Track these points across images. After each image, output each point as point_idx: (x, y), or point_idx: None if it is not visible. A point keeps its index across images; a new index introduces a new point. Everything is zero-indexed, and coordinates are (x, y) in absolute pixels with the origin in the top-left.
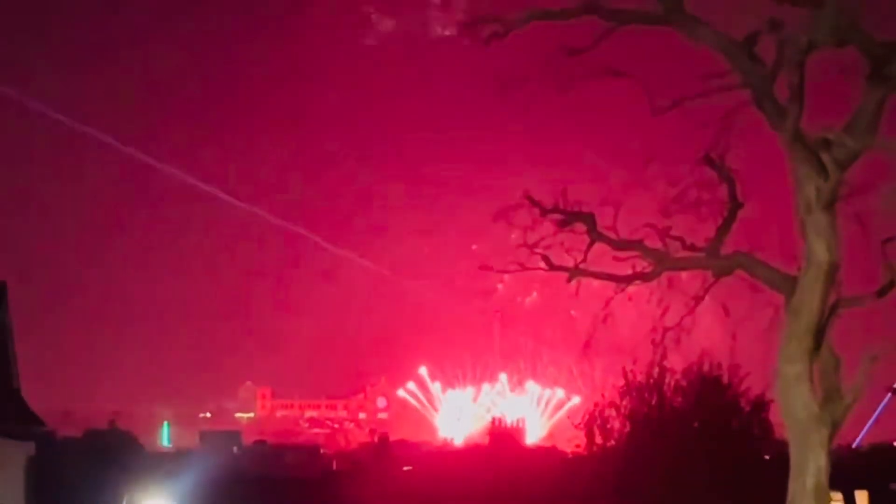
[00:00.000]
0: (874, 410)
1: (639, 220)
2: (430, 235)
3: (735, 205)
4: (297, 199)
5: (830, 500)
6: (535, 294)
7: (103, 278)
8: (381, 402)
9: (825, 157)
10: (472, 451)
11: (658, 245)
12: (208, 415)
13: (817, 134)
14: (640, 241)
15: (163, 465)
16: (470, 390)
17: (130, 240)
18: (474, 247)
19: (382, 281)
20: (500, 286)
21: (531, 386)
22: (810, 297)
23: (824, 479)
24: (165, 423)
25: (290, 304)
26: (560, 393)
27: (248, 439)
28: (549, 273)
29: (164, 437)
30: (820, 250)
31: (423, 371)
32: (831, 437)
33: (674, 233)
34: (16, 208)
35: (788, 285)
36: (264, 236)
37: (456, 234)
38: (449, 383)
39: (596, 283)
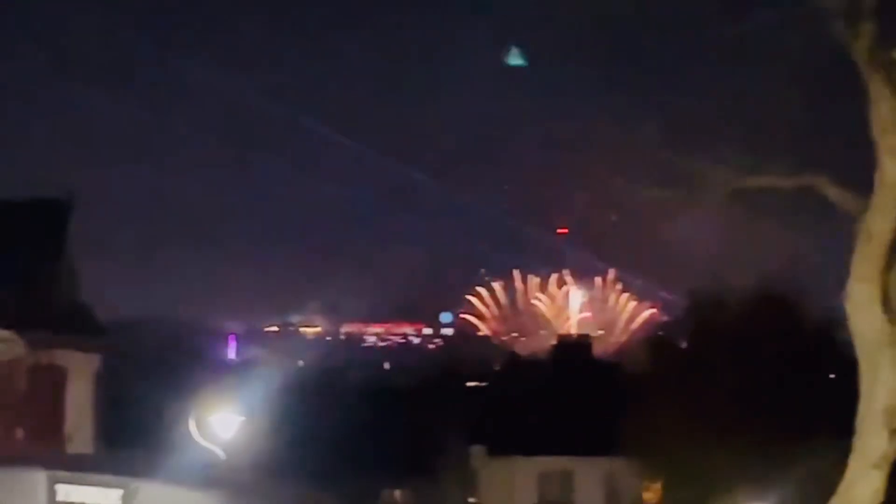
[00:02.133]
0: None
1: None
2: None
3: (809, 122)
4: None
5: None
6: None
7: (171, 193)
8: (445, 317)
9: None
10: (538, 366)
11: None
12: (275, 329)
13: (893, 53)
14: (714, 160)
15: (229, 377)
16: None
17: (195, 154)
18: None
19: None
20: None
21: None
22: (883, 218)
23: (895, 399)
24: (233, 335)
25: (356, 225)
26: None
27: (312, 354)
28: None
29: (231, 350)
30: (893, 171)
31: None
32: None
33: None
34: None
35: (861, 206)
36: (341, 158)
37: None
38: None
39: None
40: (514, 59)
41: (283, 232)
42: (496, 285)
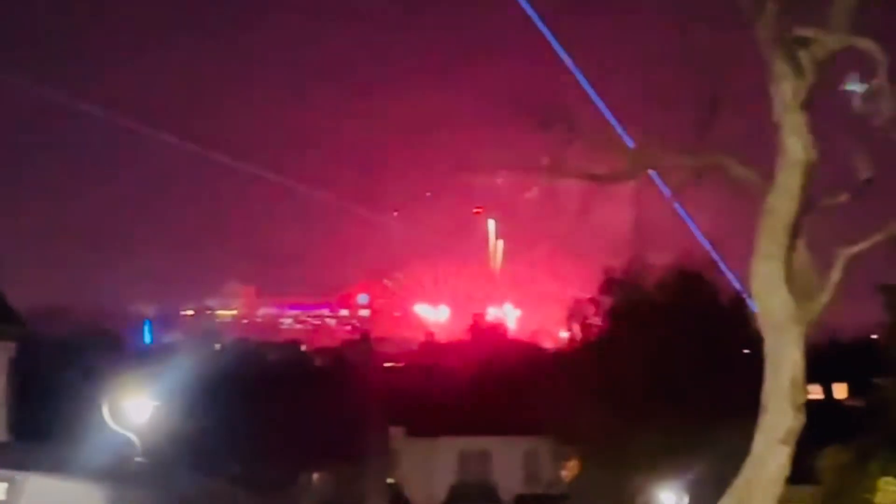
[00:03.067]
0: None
1: (617, 118)
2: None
3: (715, 101)
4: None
5: (807, 395)
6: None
7: (87, 177)
8: (362, 298)
9: (803, 56)
10: (453, 346)
11: (635, 143)
12: (191, 312)
13: (795, 32)
14: (618, 139)
15: (144, 363)
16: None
17: (113, 135)
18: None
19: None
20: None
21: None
22: (786, 197)
23: (800, 374)
24: (147, 320)
25: (272, 204)
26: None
27: (228, 337)
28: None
29: (146, 335)
30: (796, 149)
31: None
32: (807, 334)
33: (653, 131)
34: None
35: (765, 185)
36: (254, 133)
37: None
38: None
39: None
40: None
41: (198, 214)
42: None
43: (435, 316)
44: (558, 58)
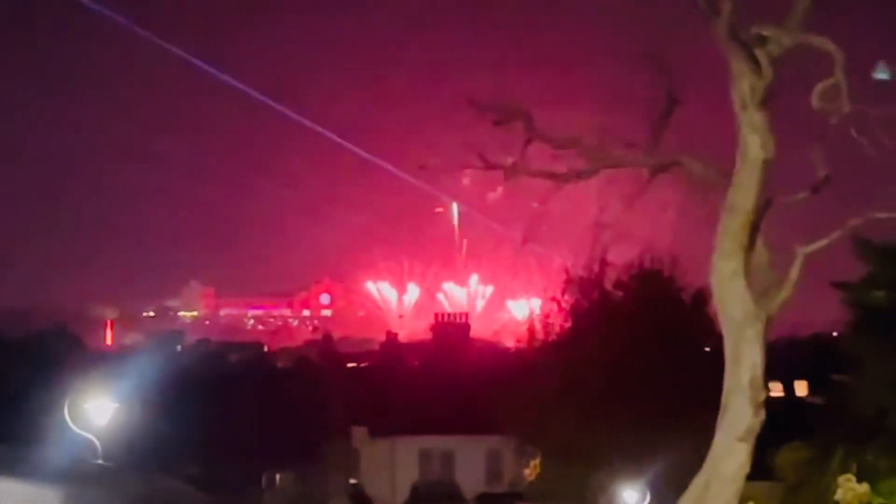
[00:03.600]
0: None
1: (578, 118)
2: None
3: (671, 100)
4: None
5: (767, 392)
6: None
7: (49, 178)
8: (324, 298)
9: (760, 54)
10: (416, 347)
11: (596, 142)
12: (152, 314)
13: (752, 29)
14: (578, 138)
15: (105, 365)
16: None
17: (74, 139)
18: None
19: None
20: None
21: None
22: (745, 194)
23: (759, 373)
24: (108, 322)
25: (235, 205)
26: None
27: (191, 338)
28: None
29: (108, 337)
30: (754, 147)
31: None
32: (766, 332)
33: (613, 131)
34: None
35: (724, 183)
36: (213, 134)
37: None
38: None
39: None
40: (882, 73)
41: (157, 215)
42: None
43: (407, 300)
44: (518, 58)
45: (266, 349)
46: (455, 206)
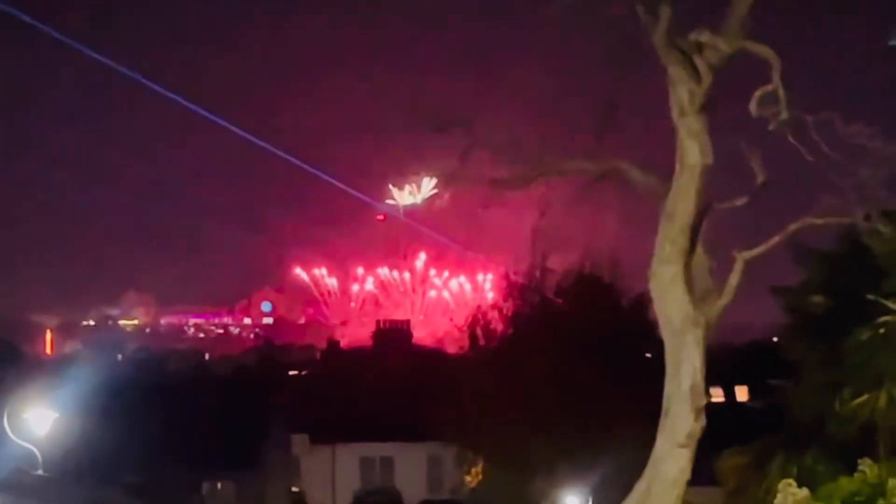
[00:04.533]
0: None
1: (517, 125)
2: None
3: (610, 106)
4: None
5: (708, 399)
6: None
7: None
8: (265, 307)
9: (698, 61)
10: (358, 353)
11: (535, 149)
12: (91, 322)
13: (690, 36)
14: (518, 144)
15: (45, 374)
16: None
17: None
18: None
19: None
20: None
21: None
22: (684, 200)
23: (699, 378)
24: (48, 330)
25: (174, 211)
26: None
27: (131, 347)
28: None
29: (47, 346)
30: (693, 153)
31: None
32: (706, 337)
33: (552, 138)
34: None
35: (663, 189)
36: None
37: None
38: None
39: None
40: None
41: (95, 220)
42: (320, 271)
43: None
44: (457, 64)
45: (207, 357)
46: (399, 211)
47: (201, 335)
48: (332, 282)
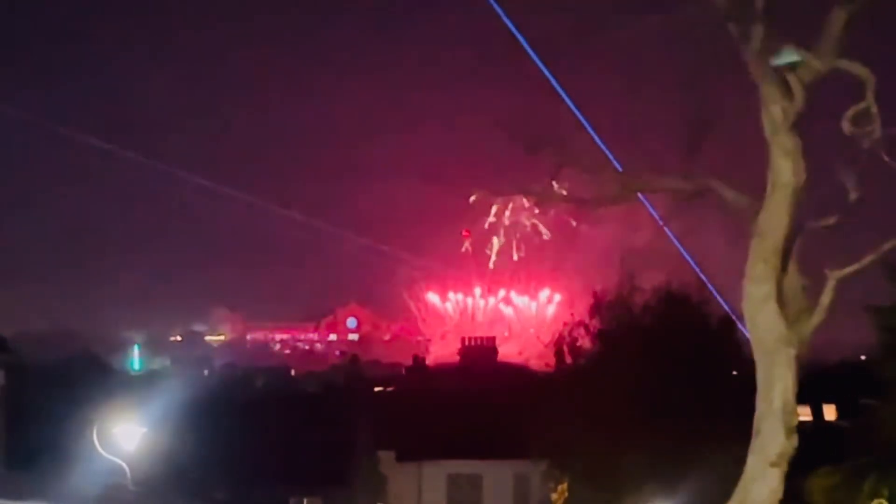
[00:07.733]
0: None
1: (608, 144)
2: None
3: (703, 124)
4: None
5: (798, 417)
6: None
7: (76, 201)
8: (351, 323)
9: (791, 78)
10: (444, 370)
11: (627, 167)
12: (179, 338)
13: (783, 56)
14: (609, 163)
15: (133, 389)
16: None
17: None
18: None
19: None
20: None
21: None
22: (776, 219)
23: (791, 397)
24: (136, 346)
25: (261, 228)
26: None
27: (217, 363)
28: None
29: (135, 362)
30: (786, 171)
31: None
32: (798, 357)
33: (643, 156)
34: None
35: (755, 207)
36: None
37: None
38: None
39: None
40: (788, 57)
41: (186, 239)
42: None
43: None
44: (548, 83)
45: (293, 373)
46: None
47: (287, 351)
48: (433, 298)
